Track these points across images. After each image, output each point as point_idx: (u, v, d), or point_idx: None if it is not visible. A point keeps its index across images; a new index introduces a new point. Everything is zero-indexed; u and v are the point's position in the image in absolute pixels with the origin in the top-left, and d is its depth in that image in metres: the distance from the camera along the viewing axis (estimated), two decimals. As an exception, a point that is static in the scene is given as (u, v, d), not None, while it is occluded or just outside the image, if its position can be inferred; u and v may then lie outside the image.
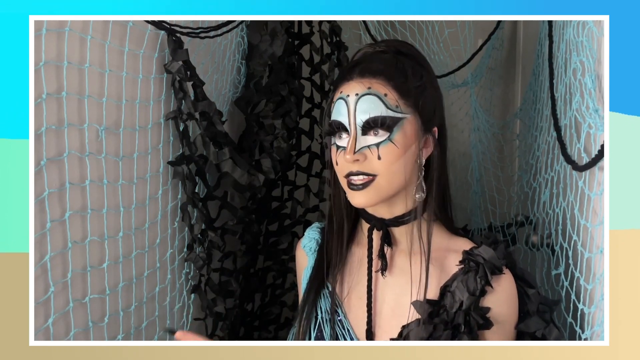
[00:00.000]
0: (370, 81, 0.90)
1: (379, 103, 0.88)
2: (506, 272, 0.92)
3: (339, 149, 0.91)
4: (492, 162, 1.71)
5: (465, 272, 0.91)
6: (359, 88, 0.90)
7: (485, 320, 0.89)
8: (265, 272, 1.54)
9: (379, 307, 0.96)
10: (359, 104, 0.89)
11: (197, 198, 1.20)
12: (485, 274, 0.90)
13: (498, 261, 0.91)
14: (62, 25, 0.86)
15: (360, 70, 0.91)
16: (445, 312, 0.90)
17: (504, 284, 0.92)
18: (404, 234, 0.96)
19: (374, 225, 0.96)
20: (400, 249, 0.97)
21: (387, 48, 0.96)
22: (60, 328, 0.90)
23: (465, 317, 0.89)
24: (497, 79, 1.94)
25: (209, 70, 1.26)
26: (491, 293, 0.91)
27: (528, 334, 0.93)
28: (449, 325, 0.89)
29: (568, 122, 1.01)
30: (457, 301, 0.90)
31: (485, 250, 0.91)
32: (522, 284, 0.95)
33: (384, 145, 0.88)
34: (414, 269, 0.93)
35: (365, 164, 0.88)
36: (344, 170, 0.90)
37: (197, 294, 1.25)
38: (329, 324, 0.97)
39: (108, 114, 0.97)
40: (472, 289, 0.89)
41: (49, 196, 0.85)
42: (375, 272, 0.96)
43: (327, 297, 1.00)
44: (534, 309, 0.94)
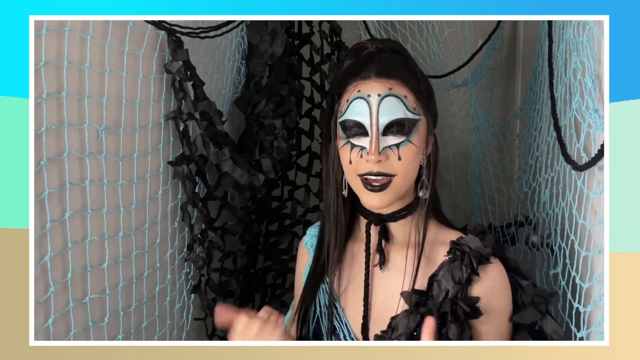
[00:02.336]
0: (390, 82, 0.90)
1: (400, 105, 0.89)
2: (494, 261, 0.93)
3: (354, 148, 0.91)
4: (492, 162, 1.71)
5: (452, 262, 0.92)
6: (380, 88, 0.89)
7: (472, 309, 0.89)
8: (265, 272, 1.54)
9: (372, 301, 0.97)
10: (381, 105, 0.89)
11: (197, 198, 1.20)
12: (470, 262, 0.91)
13: (484, 250, 0.92)
14: (62, 25, 0.86)
15: (377, 70, 0.91)
16: (432, 302, 0.91)
17: (492, 273, 0.92)
18: (400, 228, 0.97)
19: (371, 221, 0.97)
20: (395, 243, 0.98)
21: (384, 47, 0.96)
22: (60, 328, 0.90)
23: (452, 305, 0.90)
24: (497, 79, 1.94)
25: (209, 70, 1.26)
26: (479, 282, 0.91)
27: (524, 327, 0.93)
28: (435, 315, 0.90)
29: (568, 122, 1.01)
30: (443, 290, 0.91)
31: (472, 240, 0.93)
32: (515, 275, 0.96)
33: (403, 146, 0.89)
34: (409, 262, 0.94)
35: (386, 165, 0.89)
36: (361, 170, 0.90)
37: (197, 294, 1.26)
38: (327, 317, 0.99)
39: (108, 114, 0.97)
40: (457, 277, 0.91)
41: (49, 196, 0.85)
42: (373, 267, 0.97)
43: (325, 292, 1.01)
44: (529, 301, 0.94)
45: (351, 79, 0.93)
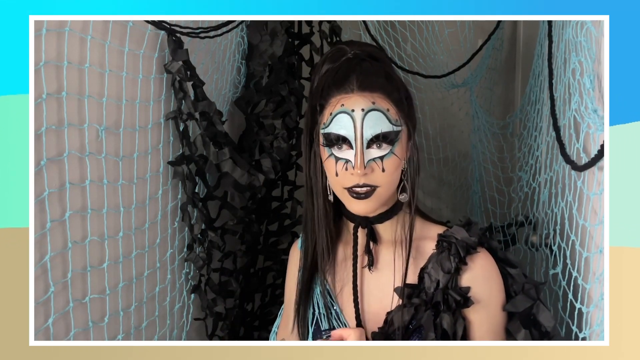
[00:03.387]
0: (373, 96, 0.91)
1: (383, 119, 0.90)
2: (481, 251, 0.95)
3: (339, 160, 0.92)
4: (492, 162, 1.71)
5: (440, 253, 0.95)
6: (364, 103, 0.90)
7: (463, 298, 0.92)
8: (265, 272, 1.54)
9: (367, 300, 0.99)
10: (366, 120, 0.90)
11: (197, 198, 1.20)
12: (457, 252, 0.93)
13: (470, 239, 0.94)
14: (62, 25, 0.86)
15: (359, 83, 0.91)
16: (424, 293, 0.93)
17: (479, 262, 0.94)
18: (387, 229, 0.99)
19: (359, 224, 0.99)
20: (383, 243, 1.00)
21: (361, 53, 0.96)
22: (60, 328, 0.90)
23: (443, 295, 0.92)
24: (497, 79, 1.94)
25: (209, 70, 1.26)
26: (467, 271, 0.94)
27: (518, 315, 0.94)
28: (429, 305, 0.93)
29: (567, 122, 1.01)
30: (433, 281, 0.93)
31: (458, 231, 0.96)
32: (504, 264, 0.98)
33: (387, 159, 0.91)
34: (398, 260, 0.97)
35: (370, 177, 0.91)
36: (347, 183, 0.91)
37: (197, 294, 1.26)
38: (325, 319, 1.00)
39: (108, 114, 0.97)
40: (446, 267, 0.93)
41: (49, 196, 0.86)
42: (362, 268, 0.99)
43: (322, 294, 1.01)
44: (519, 289, 0.96)
45: (333, 92, 0.93)
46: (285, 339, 1.05)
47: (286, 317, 1.08)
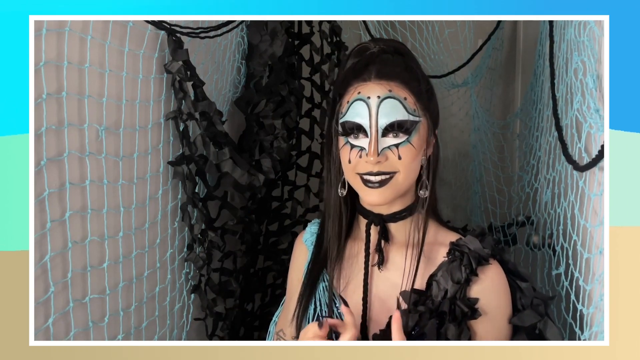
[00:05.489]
0: (389, 84, 0.91)
1: (400, 107, 0.90)
2: (493, 263, 0.94)
3: (353, 148, 0.91)
4: (492, 162, 1.71)
5: (451, 262, 0.93)
6: (380, 90, 0.90)
7: (471, 310, 0.90)
8: (265, 272, 1.54)
9: (372, 300, 0.97)
10: (381, 107, 0.90)
11: (197, 198, 1.20)
12: (469, 263, 0.92)
13: (483, 251, 0.93)
14: (62, 25, 0.86)
15: (377, 72, 0.91)
16: (430, 301, 0.92)
17: (490, 274, 0.93)
18: (400, 229, 0.98)
19: (372, 221, 0.98)
20: (395, 243, 0.98)
21: (387, 47, 0.96)
22: (60, 328, 0.89)
23: (450, 305, 0.90)
24: (497, 79, 1.94)
25: (209, 70, 1.26)
26: (477, 283, 0.92)
27: (524, 330, 0.93)
28: (434, 314, 0.91)
29: (569, 122, 1.01)
30: (441, 290, 0.92)
31: (471, 241, 0.94)
32: (514, 277, 0.96)
33: (403, 146, 0.90)
34: (408, 262, 0.95)
35: (386, 164, 0.90)
36: (360, 169, 0.91)
37: (197, 294, 1.25)
38: (327, 314, 0.99)
39: (108, 114, 0.97)
40: (456, 277, 0.91)
41: (49, 196, 0.85)
42: (372, 266, 0.98)
43: (325, 290, 1.01)
44: (528, 303, 0.94)
45: (352, 81, 0.93)
46: (284, 329, 1.05)
47: (286, 308, 1.08)
